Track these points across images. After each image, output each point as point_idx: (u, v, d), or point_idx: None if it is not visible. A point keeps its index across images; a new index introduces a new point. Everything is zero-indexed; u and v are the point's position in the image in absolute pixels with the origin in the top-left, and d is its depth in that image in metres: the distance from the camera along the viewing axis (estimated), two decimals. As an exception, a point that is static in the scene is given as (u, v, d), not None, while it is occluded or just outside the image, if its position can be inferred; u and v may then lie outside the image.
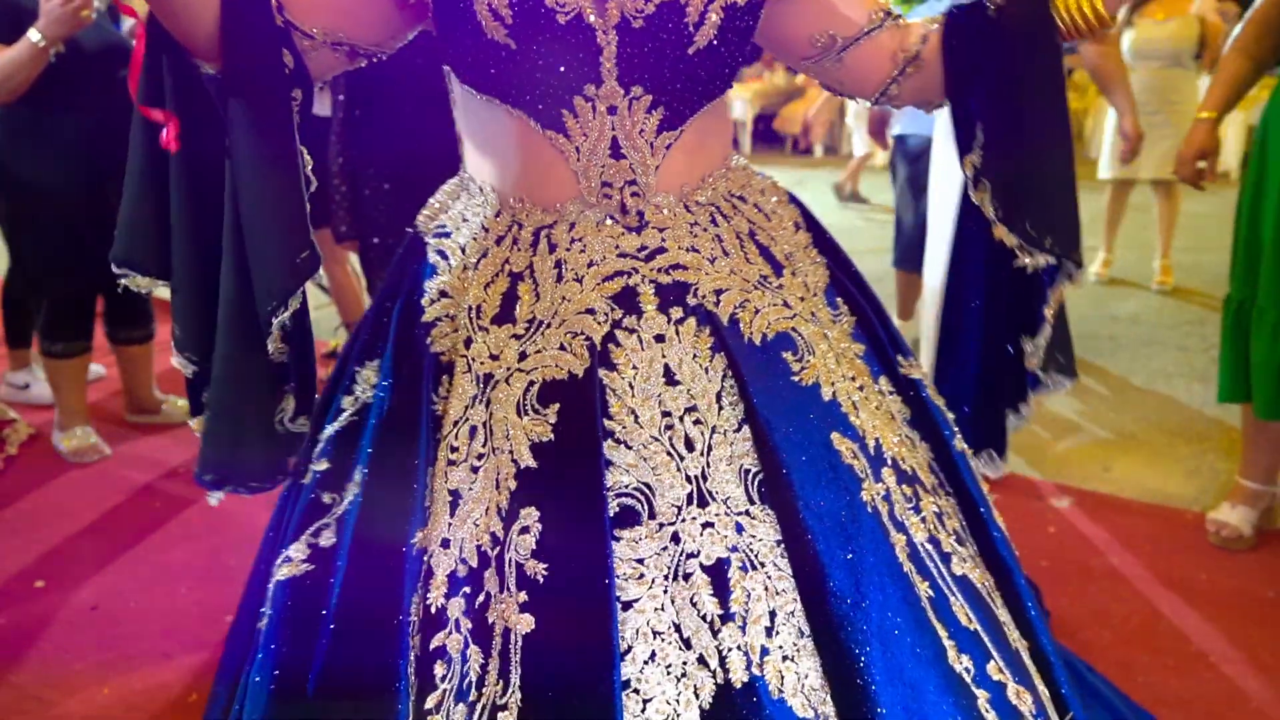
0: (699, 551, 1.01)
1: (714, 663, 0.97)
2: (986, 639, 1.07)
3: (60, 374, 2.87)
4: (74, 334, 2.83)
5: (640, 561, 1.00)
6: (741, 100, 10.55)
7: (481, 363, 1.09)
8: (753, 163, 1.29)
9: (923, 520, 1.11)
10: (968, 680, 1.02)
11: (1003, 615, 1.14)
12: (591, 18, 1.06)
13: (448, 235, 1.19)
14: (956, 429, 1.28)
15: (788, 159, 10.74)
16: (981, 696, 1.02)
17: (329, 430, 1.18)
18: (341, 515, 1.11)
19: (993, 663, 1.05)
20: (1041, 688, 1.12)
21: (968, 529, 1.21)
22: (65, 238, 2.70)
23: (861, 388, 1.16)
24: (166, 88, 1.07)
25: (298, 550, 1.11)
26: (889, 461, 1.13)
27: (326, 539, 1.11)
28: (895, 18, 1.24)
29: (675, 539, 1.01)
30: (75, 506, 2.62)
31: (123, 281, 1.14)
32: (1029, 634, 1.18)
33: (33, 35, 2.30)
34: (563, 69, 1.06)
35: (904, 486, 1.12)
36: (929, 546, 1.10)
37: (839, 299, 1.24)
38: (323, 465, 1.16)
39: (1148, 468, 2.83)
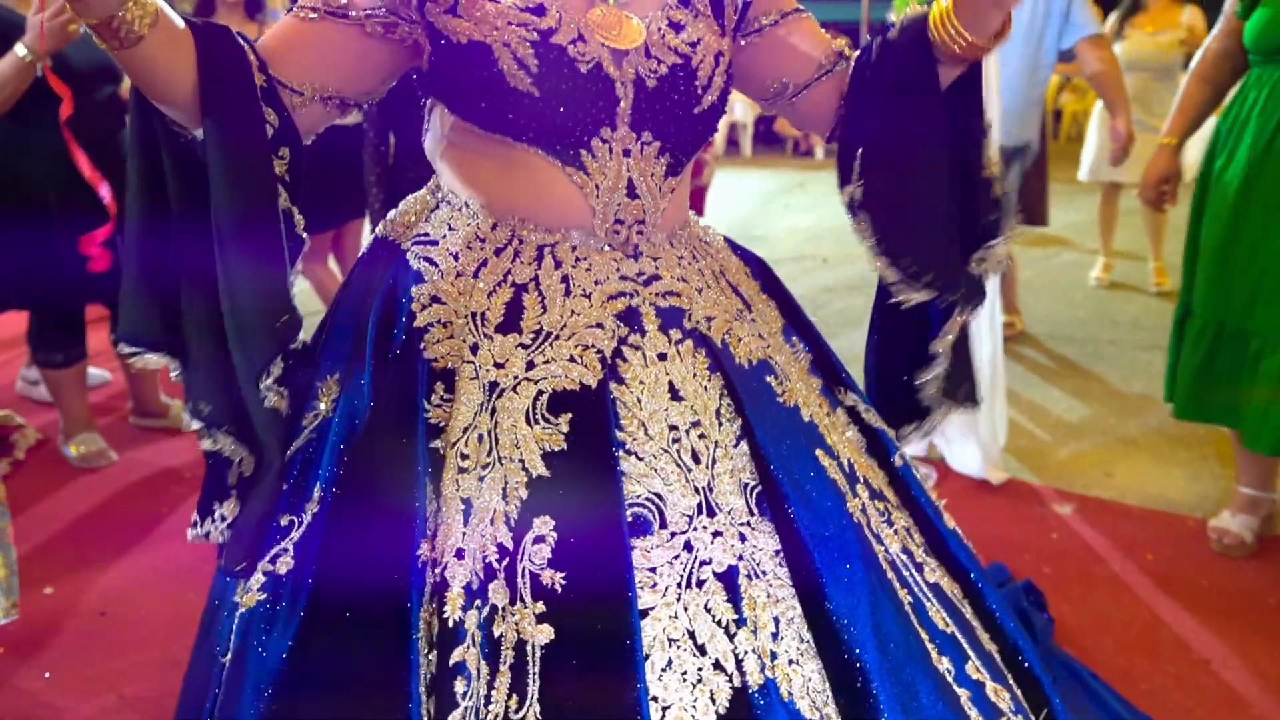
0: (711, 559, 1.03)
1: (730, 666, 0.99)
2: (963, 641, 1.14)
3: (60, 383, 2.88)
4: (69, 342, 2.85)
5: (653, 570, 1.02)
6: (742, 103, 10.55)
7: (487, 370, 1.09)
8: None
9: (895, 533, 1.19)
10: (949, 680, 1.08)
11: (974, 621, 1.21)
12: (610, 69, 1.10)
13: (434, 243, 1.18)
14: (897, 444, 1.33)
15: (789, 161, 10.75)
16: (963, 695, 1.08)
17: (291, 449, 1.16)
18: (300, 539, 1.08)
19: (970, 663, 1.12)
20: (1015, 687, 1.18)
21: (927, 542, 1.27)
22: (50, 251, 2.69)
23: (829, 413, 1.24)
24: (162, 151, 1.07)
25: (255, 579, 1.08)
26: (861, 480, 1.19)
27: (284, 565, 1.08)
28: (846, 59, 1.27)
29: (688, 547, 1.03)
30: (83, 512, 2.63)
31: (134, 363, 1.11)
32: (997, 633, 1.24)
33: (19, 50, 2.31)
34: (581, 114, 1.10)
35: (876, 502, 1.19)
36: (904, 556, 1.17)
37: (794, 338, 1.30)
38: (282, 486, 1.13)
39: (1149, 473, 2.85)
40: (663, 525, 1.04)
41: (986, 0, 1.10)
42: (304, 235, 1.11)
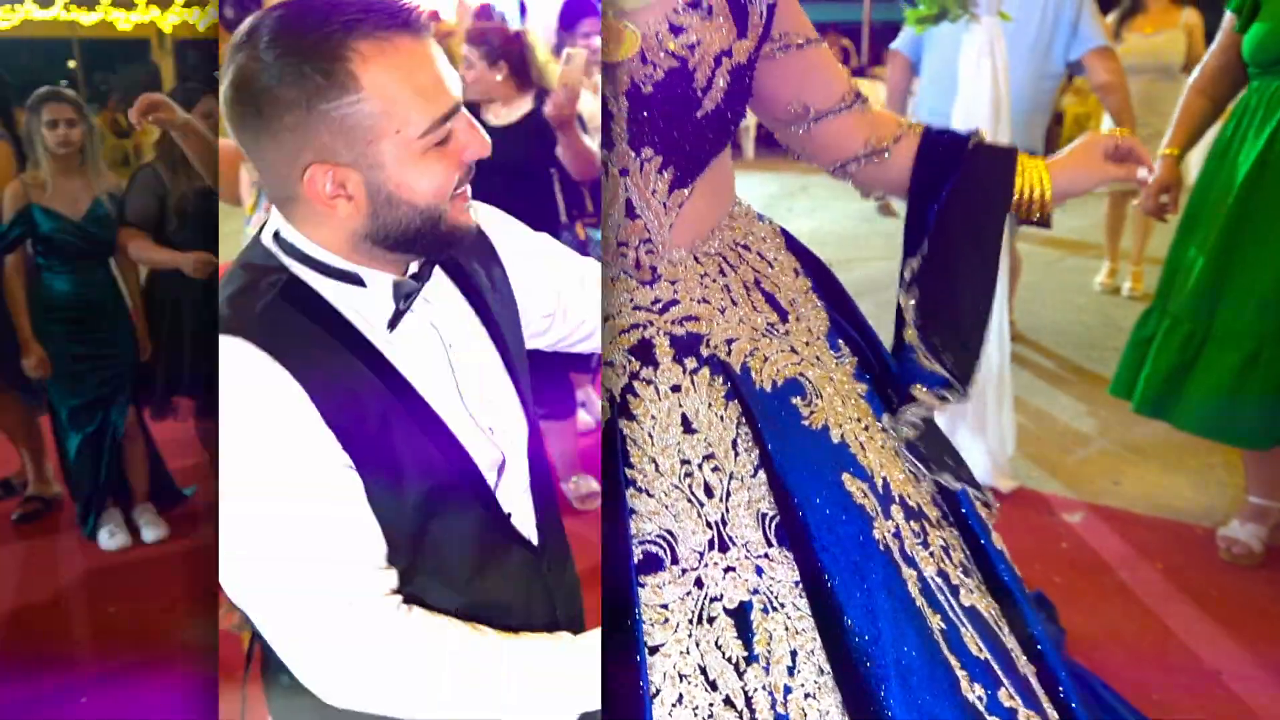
0: (722, 595, 1.05)
1: (740, 703, 1.00)
2: (997, 667, 1.12)
3: None
4: None
5: (665, 607, 1.03)
6: (745, 106, 10.56)
7: None
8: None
9: (931, 555, 1.16)
10: (981, 709, 1.07)
11: (1010, 642, 1.19)
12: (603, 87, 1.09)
13: None
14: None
15: (791, 164, 10.66)
16: None
17: None
18: None
19: (1003, 690, 1.10)
20: (1051, 711, 1.16)
21: (971, 558, 1.25)
22: None
23: (867, 427, 1.21)
24: None
25: None
26: (896, 499, 1.17)
27: None
28: (864, 101, 1.29)
29: (699, 584, 1.05)
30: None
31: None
32: (1035, 656, 1.23)
33: None
34: None
35: (912, 523, 1.17)
36: (938, 580, 1.15)
37: (840, 340, 1.28)
38: None
39: (1157, 481, 2.86)
40: (674, 561, 1.05)
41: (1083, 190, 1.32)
42: None
